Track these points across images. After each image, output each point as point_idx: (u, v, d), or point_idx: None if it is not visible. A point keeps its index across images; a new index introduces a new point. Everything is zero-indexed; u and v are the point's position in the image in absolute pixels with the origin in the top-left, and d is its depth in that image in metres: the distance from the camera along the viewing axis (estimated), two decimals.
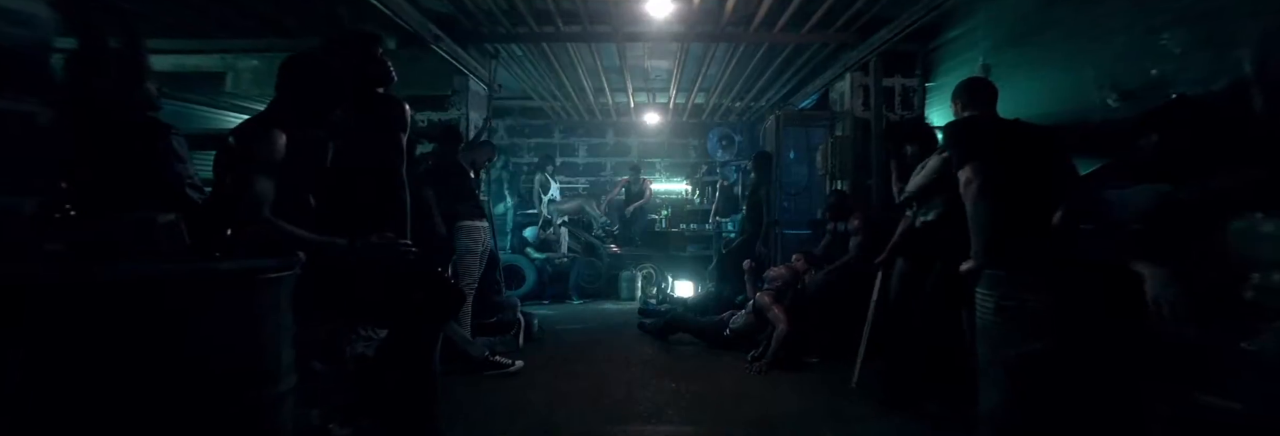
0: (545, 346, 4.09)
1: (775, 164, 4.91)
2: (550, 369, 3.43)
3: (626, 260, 6.86)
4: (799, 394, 3.00)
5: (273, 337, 1.25)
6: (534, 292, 6.33)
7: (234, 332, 1.18)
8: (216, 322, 1.15)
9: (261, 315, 1.22)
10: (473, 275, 3.54)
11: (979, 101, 2.49)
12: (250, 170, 1.55)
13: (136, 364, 1.08)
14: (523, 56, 5.29)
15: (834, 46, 4.71)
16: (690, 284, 6.21)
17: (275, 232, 1.58)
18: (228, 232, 1.56)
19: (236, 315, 1.18)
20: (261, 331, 1.23)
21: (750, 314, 3.84)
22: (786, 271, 3.91)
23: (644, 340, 4.32)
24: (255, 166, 1.57)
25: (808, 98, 5.91)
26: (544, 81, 6.19)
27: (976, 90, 2.52)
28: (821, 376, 3.32)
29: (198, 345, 1.13)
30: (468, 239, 3.49)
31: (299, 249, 1.59)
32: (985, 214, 1.96)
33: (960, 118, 2.51)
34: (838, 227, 4.05)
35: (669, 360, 3.75)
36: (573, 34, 4.41)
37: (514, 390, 3.01)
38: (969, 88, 2.53)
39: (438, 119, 4.70)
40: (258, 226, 1.56)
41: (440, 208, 3.45)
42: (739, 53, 5.01)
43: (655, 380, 3.23)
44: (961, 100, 2.53)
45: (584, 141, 8.40)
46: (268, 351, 1.24)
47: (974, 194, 1.98)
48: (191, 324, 1.12)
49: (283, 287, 1.27)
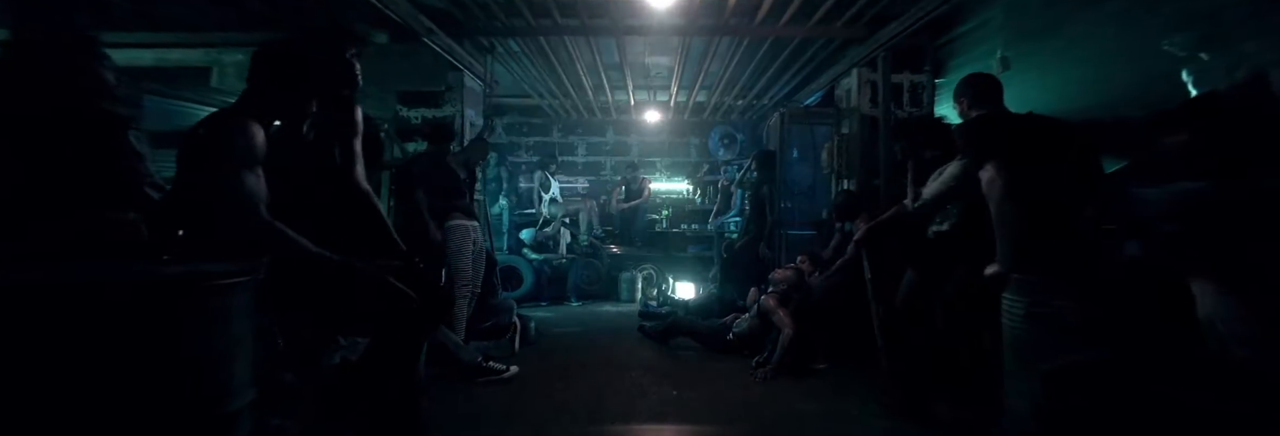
0: (542, 351, 3.95)
1: (779, 162, 4.77)
2: (546, 375, 3.30)
3: (626, 261, 6.72)
4: (808, 401, 2.86)
5: (224, 350, 1.11)
6: (532, 294, 6.20)
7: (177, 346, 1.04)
8: (155, 335, 1.01)
9: (210, 326, 1.08)
10: (465, 276, 3.41)
11: (986, 98, 2.37)
12: (232, 165, 1.43)
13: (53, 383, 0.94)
14: (520, 52, 5.14)
15: (841, 41, 4.57)
16: (691, 285, 6.08)
17: (276, 240, 1.45)
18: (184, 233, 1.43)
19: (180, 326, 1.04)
20: (210, 344, 1.09)
21: (754, 317, 3.70)
22: (792, 273, 3.78)
23: (644, 344, 4.18)
24: (236, 160, 1.44)
25: (812, 96, 5.77)
26: (542, 79, 6.04)
27: (982, 86, 2.39)
28: (829, 382, 3.18)
29: (131, 361, 0.99)
30: (455, 239, 3.37)
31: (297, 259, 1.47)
32: (1011, 214, 1.82)
33: (972, 116, 2.38)
34: (845, 228, 3.91)
35: (670, 366, 3.62)
36: (570, 27, 4.27)
37: (508, 397, 2.87)
38: (974, 84, 2.41)
39: (432, 116, 4.57)
40: (258, 231, 1.43)
41: (430, 208, 3.35)
42: (742, 48, 4.87)
43: (656, 387, 3.09)
44: (967, 97, 2.41)
45: (583, 140, 8.26)
46: (218, 366, 1.10)
47: (998, 193, 1.84)
48: (123, 337, 0.98)
49: (237, 295, 1.13)
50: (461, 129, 4.61)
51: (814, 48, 4.82)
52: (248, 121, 1.52)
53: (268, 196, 1.49)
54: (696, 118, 7.81)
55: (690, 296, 5.75)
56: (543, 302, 6.19)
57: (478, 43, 4.64)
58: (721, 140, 7.48)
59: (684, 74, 5.75)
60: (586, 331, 4.75)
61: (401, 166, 3.69)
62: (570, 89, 6.39)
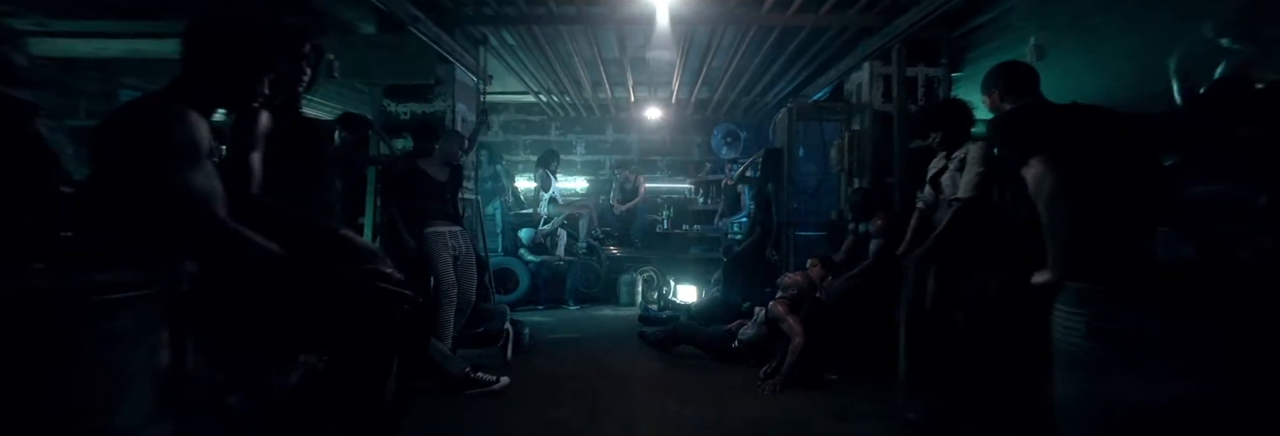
0: (536, 359, 3.72)
1: (787, 160, 4.54)
2: (540, 386, 3.07)
3: (626, 263, 6.49)
4: (821, 416, 2.63)
5: (114, 377, 0.89)
6: (527, 297, 5.98)
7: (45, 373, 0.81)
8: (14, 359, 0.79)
9: (96, 346, 0.86)
10: (447, 283, 3.20)
11: (1021, 88, 2.13)
12: (175, 160, 1.21)
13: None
14: (515, 45, 4.93)
15: (853, 31, 4.34)
16: (693, 288, 5.86)
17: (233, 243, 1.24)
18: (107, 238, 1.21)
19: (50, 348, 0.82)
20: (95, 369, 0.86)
21: (762, 325, 3.48)
22: (801, 278, 3.55)
23: (644, 352, 3.96)
24: (178, 154, 1.23)
25: (819, 92, 5.54)
26: (540, 75, 5.83)
27: (1016, 75, 2.16)
28: (842, 395, 2.95)
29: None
30: (432, 246, 3.21)
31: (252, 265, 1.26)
32: (1065, 215, 1.59)
33: (1006, 109, 2.15)
34: (859, 229, 3.68)
35: (672, 376, 3.39)
36: (566, 15, 4.04)
37: (496, 413, 2.65)
38: (1007, 73, 2.17)
39: (422, 112, 4.35)
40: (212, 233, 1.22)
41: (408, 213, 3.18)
42: (747, 40, 4.65)
43: (657, 401, 2.86)
44: (999, 89, 2.17)
45: (582, 138, 8.03)
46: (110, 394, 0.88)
47: (1048, 192, 1.62)
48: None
49: (136, 310, 0.91)
50: (453, 125, 4.39)
51: (823, 39, 4.60)
52: (186, 109, 1.30)
53: (223, 194, 1.27)
54: (699, 115, 7.60)
55: (692, 300, 5.53)
56: (539, 306, 5.96)
57: (469, 33, 4.41)
58: (724, 138, 7.25)
59: (686, 69, 5.54)
60: (584, 337, 4.52)
61: (383, 167, 3.47)
62: (568, 85, 6.18)
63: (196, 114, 1.32)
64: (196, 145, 1.26)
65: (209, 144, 1.27)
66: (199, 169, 1.22)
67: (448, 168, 3.39)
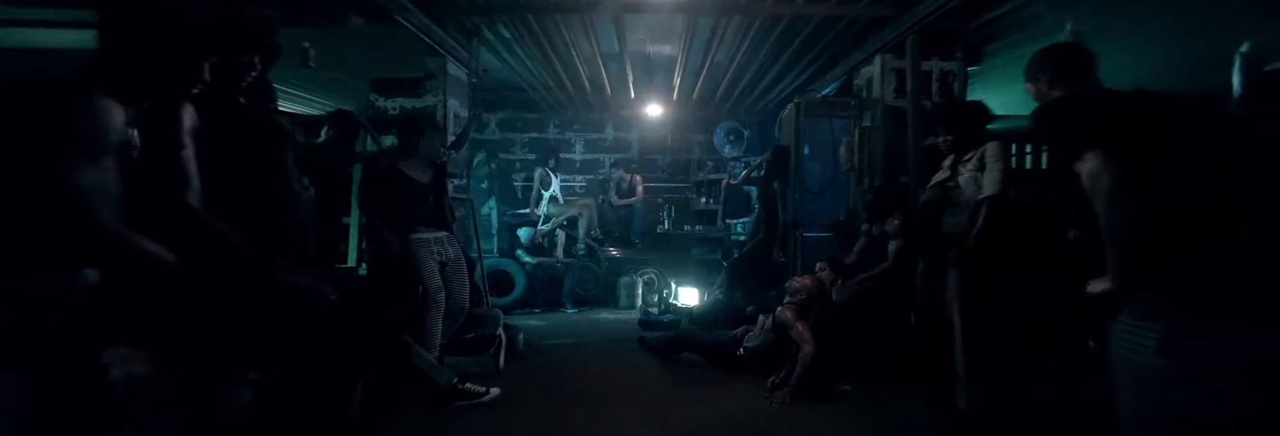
0: (530, 367, 3.53)
1: (794, 158, 4.35)
2: (533, 398, 2.88)
3: (625, 264, 6.28)
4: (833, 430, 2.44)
5: None
6: (524, 300, 5.78)
7: None
8: None
9: None
10: (432, 288, 3.01)
11: (1074, 74, 1.88)
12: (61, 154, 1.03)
13: None
14: (511, 38, 4.73)
15: (863, 22, 4.14)
16: (696, 291, 5.66)
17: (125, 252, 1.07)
18: None
19: None
20: None
21: (769, 331, 3.28)
22: (811, 282, 3.35)
23: (645, 359, 3.76)
24: (74, 148, 1.05)
25: (826, 87, 5.35)
26: (537, 70, 5.63)
27: (1067, 59, 1.91)
28: (855, 408, 2.76)
29: None
30: (415, 252, 3.01)
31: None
32: (1125, 215, 1.39)
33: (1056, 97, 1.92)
34: (872, 231, 3.48)
35: (674, 386, 3.20)
36: (561, 4, 3.84)
37: (486, 427, 2.47)
38: (1056, 57, 1.92)
39: (411, 107, 4.16)
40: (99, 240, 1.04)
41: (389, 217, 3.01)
42: (753, 33, 4.45)
43: (659, 414, 2.67)
44: (1047, 75, 1.91)
45: (581, 136, 7.82)
46: None
47: (1107, 189, 1.40)
48: None
49: None
50: (444, 121, 4.20)
51: (833, 31, 4.40)
52: (95, 95, 1.10)
53: (120, 195, 1.08)
54: (701, 112, 7.40)
55: (694, 302, 5.32)
56: (536, 310, 5.77)
57: (461, 25, 4.21)
58: (727, 136, 7.04)
59: (688, 64, 5.34)
60: (582, 343, 4.33)
61: (367, 164, 3.26)
62: (566, 81, 5.98)
63: (110, 101, 1.13)
64: (97, 138, 1.08)
65: (121, 137, 1.09)
66: (92, 165, 1.04)
67: (431, 169, 3.17)
